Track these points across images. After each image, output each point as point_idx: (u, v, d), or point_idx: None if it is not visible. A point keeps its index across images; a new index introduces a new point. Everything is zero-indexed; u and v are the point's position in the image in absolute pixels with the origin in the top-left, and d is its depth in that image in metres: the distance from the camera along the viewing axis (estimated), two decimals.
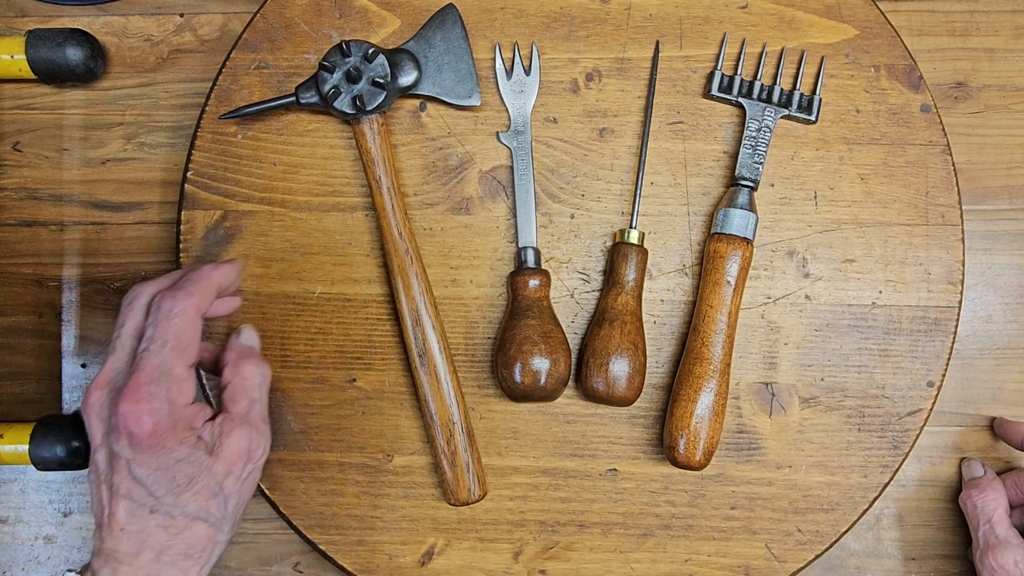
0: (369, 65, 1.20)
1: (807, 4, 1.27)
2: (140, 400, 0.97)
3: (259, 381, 1.11)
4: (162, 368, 1.00)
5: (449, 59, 1.25)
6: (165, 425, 0.98)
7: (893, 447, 1.22)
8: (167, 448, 0.99)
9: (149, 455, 0.98)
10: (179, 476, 0.99)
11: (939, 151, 1.24)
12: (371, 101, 1.19)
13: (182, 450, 1.00)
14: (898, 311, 1.23)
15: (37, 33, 1.27)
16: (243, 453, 1.04)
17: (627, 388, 1.17)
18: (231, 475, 1.03)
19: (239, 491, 1.05)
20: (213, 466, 1.02)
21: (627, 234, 1.20)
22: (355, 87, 1.20)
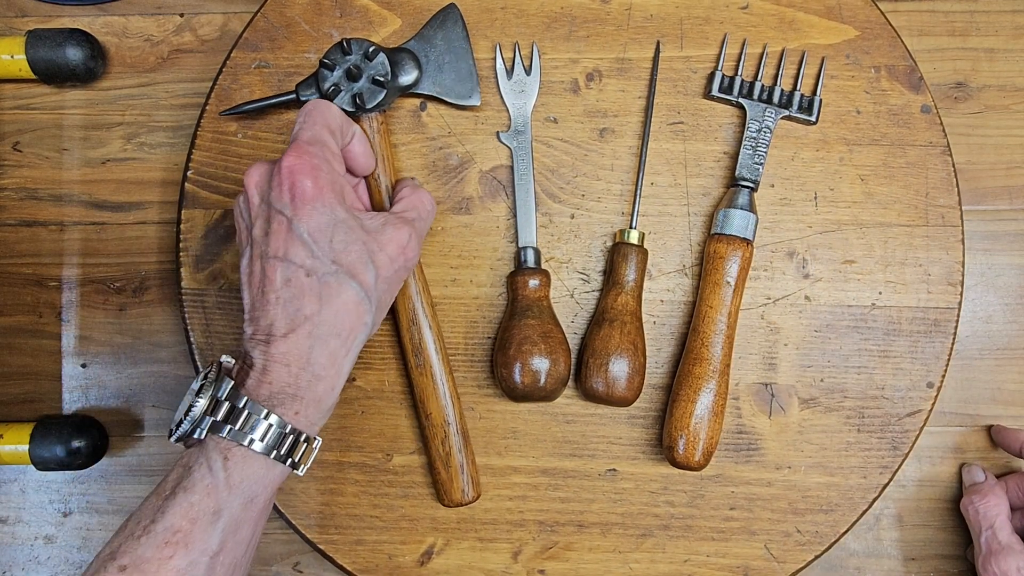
0: (369, 63, 1.19)
1: (808, 5, 1.27)
2: (303, 155, 1.00)
3: (430, 208, 1.15)
4: (319, 139, 1.04)
5: (450, 59, 1.25)
6: (326, 181, 1.01)
7: (892, 448, 1.22)
8: (327, 205, 1.00)
9: (311, 209, 0.99)
10: (336, 239, 1.00)
11: (939, 152, 1.24)
12: (371, 99, 1.19)
13: (340, 211, 1.01)
14: (898, 312, 1.23)
15: (37, 33, 1.27)
16: (401, 244, 1.05)
17: (627, 388, 1.17)
18: (384, 253, 1.04)
19: (389, 278, 1.05)
20: (369, 242, 1.03)
21: (627, 234, 1.20)
22: (355, 85, 1.19)
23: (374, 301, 1.03)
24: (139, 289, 1.32)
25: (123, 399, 1.31)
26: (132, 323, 1.32)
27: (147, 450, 1.31)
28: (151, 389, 1.31)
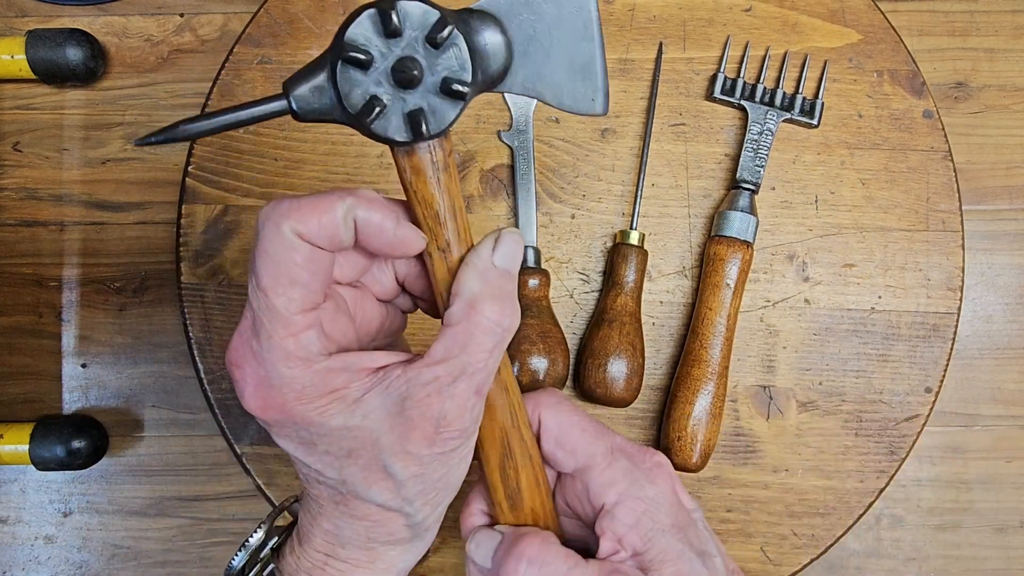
0: (436, 52, 0.70)
1: (811, 8, 1.26)
2: (235, 364, 0.74)
3: (498, 338, 0.75)
4: (260, 317, 0.72)
5: (559, 36, 0.76)
6: (278, 396, 0.73)
7: (890, 452, 1.22)
8: (299, 422, 0.74)
9: (280, 429, 0.77)
10: (332, 448, 0.76)
11: (940, 157, 1.24)
12: (442, 118, 0.71)
13: (322, 424, 0.74)
14: (897, 316, 1.23)
15: (37, 33, 1.26)
16: (432, 425, 0.74)
17: (625, 389, 1.17)
18: (408, 447, 0.75)
19: (427, 467, 0.77)
20: (381, 438, 0.75)
21: (627, 235, 1.20)
22: (410, 95, 0.71)
23: (412, 501, 0.78)
24: (139, 289, 1.32)
25: (123, 399, 1.32)
26: (132, 323, 1.33)
27: (147, 450, 1.31)
28: (151, 389, 1.32)
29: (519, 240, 0.77)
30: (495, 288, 0.75)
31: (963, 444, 1.31)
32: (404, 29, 0.69)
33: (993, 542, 1.31)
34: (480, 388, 0.75)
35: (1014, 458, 1.31)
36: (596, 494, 0.83)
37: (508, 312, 0.74)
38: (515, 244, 0.77)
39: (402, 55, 0.69)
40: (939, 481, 1.31)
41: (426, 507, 0.79)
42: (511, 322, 0.75)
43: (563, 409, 0.86)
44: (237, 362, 0.74)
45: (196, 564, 1.29)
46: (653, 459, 0.86)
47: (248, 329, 0.73)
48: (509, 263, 0.76)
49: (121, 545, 1.30)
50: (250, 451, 1.21)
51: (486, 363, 0.74)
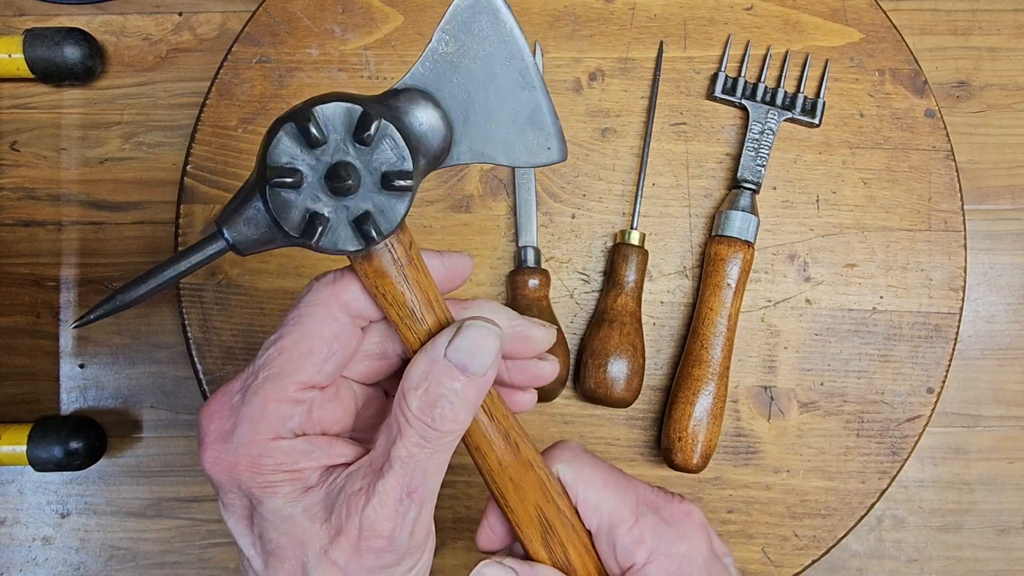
0: (367, 150, 0.64)
1: (812, 7, 1.26)
2: (206, 416, 0.71)
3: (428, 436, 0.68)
4: (259, 372, 0.69)
5: (498, 90, 0.69)
6: (231, 456, 0.69)
7: (892, 453, 1.21)
8: (243, 490, 0.70)
9: (224, 494, 0.72)
10: (264, 535, 0.70)
11: (942, 156, 1.24)
12: (391, 215, 0.65)
13: (260, 501, 0.69)
14: (899, 317, 1.23)
15: (35, 32, 1.27)
16: (357, 525, 0.67)
17: (625, 389, 1.17)
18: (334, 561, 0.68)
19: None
20: (310, 540, 0.69)
21: (628, 235, 1.20)
22: (351, 200, 0.65)
23: None
24: None
25: (121, 400, 1.31)
26: (130, 324, 1.32)
27: (145, 451, 1.31)
28: (149, 390, 1.31)
29: (485, 335, 0.69)
30: (435, 383, 0.67)
31: (965, 445, 1.31)
32: (328, 135, 0.63)
33: (995, 543, 1.31)
34: (412, 489, 0.67)
35: (1016, 459, 1.31)
36: (625, 553, 0.79)
37: (441, 413, 0.67)
38: (475, 338, 0.68)
39: (333, 162, 0.64)
40: (941, 482, 1.31)
41: None
42: (445, 425, 0.67)
43: (583, 463, 0.80)
44: (209, 414, 0.70)
45: (195, 565, 1.29)
46: (681, 508, 0.82)
47: (237, 386, 0.70)
48: (464, 359, 0.68)
49: (119, 546, 1.30)
50: None
51: (416, 461, 0.67)
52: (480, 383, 0.68)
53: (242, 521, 0.72)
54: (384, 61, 1.26)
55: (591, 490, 0.80)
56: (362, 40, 1.26)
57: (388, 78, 1.25)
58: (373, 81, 1.25)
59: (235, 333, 1.23)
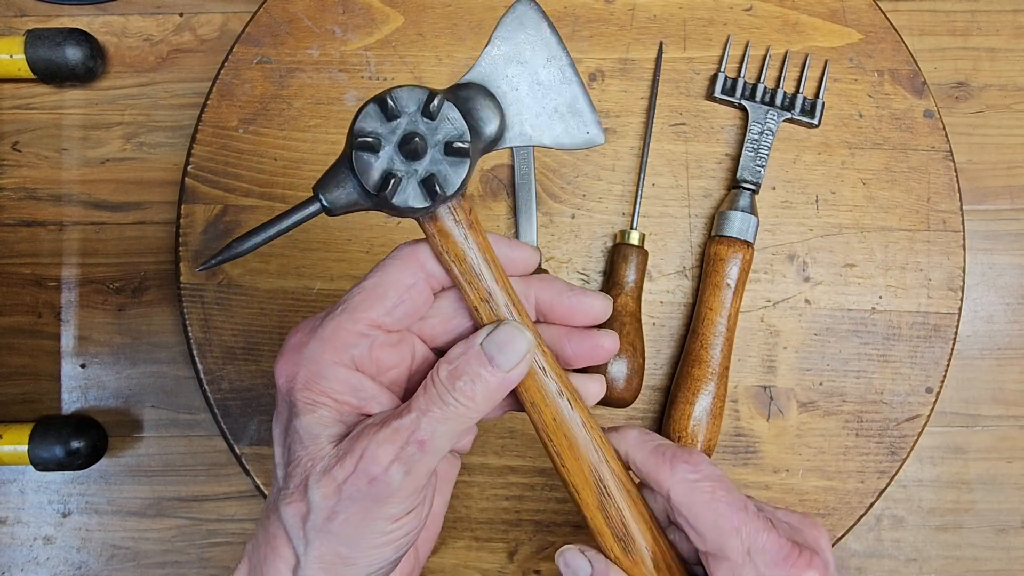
0: (433, 123, 0.77)
1: (811, 8, 1.26)
2: (293, 330, 0.79)
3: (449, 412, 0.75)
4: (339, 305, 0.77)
5: (542, 86, 0.83)
6: (294, 367, 0.76)
7: (891, 453, 1.22)
8: (290, 400, 0.76)
9: (280, 400, 0.78)
10: (291, 446, 0.77)
11: (941, 157, 1.24)
12: (453, 178, 0.77)
13: (299, 414, 0.76)
14: (898, 316, 1.23)
15: (36, 33, 1.27)
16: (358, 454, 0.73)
17: (625, 389, 1.17)
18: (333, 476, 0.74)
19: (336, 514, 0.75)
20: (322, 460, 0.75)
21: (628, 235, 1.20)
22: (419, 164, 0.76)
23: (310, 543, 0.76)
24: (138, 289, 1.32)
25: (122, 399, 1.31)
26: (131, 323, 1.32)
27: (146, 450, 1.31)
28: (150, 389, 1.31)
29: (517, 336, 0.76)
30: (465, 362, 0.75)
31: (964, 444, 1.31)
32: (402, 111, 0.75)
33: (994, 543, 1.31)
34: (420, 437, 0.73)
35: (1015, 459, 1.31)
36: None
37: (461, 387, 0.74)
38: (509, 336, 0.76)
39: (405, 132, 0.76)
40: (940, 481, 1.31)
41: (318, 565, 0.76)
42: (461, 398, 0.74)
43: (698, 489, 0.81)
44: (294, 331, 0.79)
45: (195, 565, 1.29)
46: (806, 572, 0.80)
47: (321, 315, 0.78)
48: (494, 351, 0.76)
49: (120, 546, 1.30)
50: (249, 452, 1.21)
51: (430, 416, 0.74)
52: (502, 377, 0.75)
53: (282, 432, 0.78)
54: (384, 62, 1.26)
55: (701, 517, 0.81)
56: (363, 41, 1.26)
57: (388, 78, 1.26)
58: (373, 81, 1.26)
59: (236, 333, 1.23)
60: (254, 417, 1.22)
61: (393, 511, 0.75)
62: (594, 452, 0.83)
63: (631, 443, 0.85)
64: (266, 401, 1.22)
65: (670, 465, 0.82)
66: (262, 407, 1.22)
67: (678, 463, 0.82)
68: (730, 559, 0.79)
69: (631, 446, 0.85)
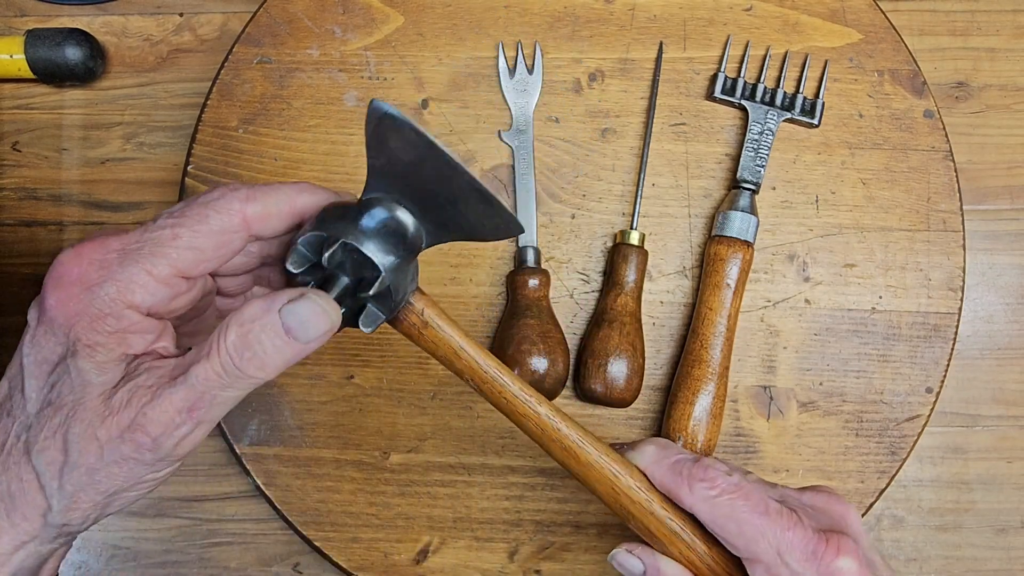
0: (343, 265, 0.76)
1: (811, 8, 1.26)
2: (88, 239, 0.74)
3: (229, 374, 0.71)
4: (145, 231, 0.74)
5: (434, 185, 0.75)
6: (78, 311, 0.71)
7: (891, 453, 1.22)
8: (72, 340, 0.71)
9: (45, 334, 0.73)
10: (56, 388, 0.72)
11: (941, 157, 1.24)
12: (380, 311, 0.79)
13: (83, 362, 0.71)
14: (898, 316, 1.23)
15: (36, 33, 1.27)
16: (133, 415, 0.70)
17: (625, 389, 1.17)
18: (96, 436, 0.70)
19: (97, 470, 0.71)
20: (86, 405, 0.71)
21: (627, 235, 1.20)
22: (345, 303, 0.78)
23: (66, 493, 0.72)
24: None
25: None
26: None
27: None
28: None
29: (319, 313, 0.73)
30: (260, 329, 0.71)
31: (964, 444, 1.31)
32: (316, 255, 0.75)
33: (994, 543, 1.31)
34: (194, 408, 0.70)
35: (1015, 459, 1.31)
36: None
37: (251, 357, 0.70)
38: (310, 311, 0.73)
39: (325, 275, 0.77)
40: (940, 481, 1.31)
41: (74, 512, 0.73)
42: (250, 370, 0.71)
43: (720, 502, 0.84)
44: (78, 257, 0.73)
45: (195, 564, 1.29)
46: (832, 566, 0.82)
47: (115, 244, 0.73)
48: (293, 324, 0.71)
49: (120, 545, 1.30)
50: (249, 451, 1.21)
51: (208, 386, 0.70)
52: (299, 348, 0.72)
53: (42, 365, 0.72)
54: (384, 62, 1.26)
55: (727, 528, 0.83)
56: (362, 41, 1.27)
57: (388, 79, 1.26)
58: (373, 82, 1.26)
59: None
60: (254, 417, 1.22)
61: (158, 468, 0.73)
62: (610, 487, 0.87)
63: (649, 461, 0.87)
64: (266, 401, 1.22)
65: (688, 486, 0.84)
66: (262, 407, 1.22)
67: (695, 483, 0.84)
68: (764, 561, 0.81)
69: (650, 464, 0.87)
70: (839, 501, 0.89)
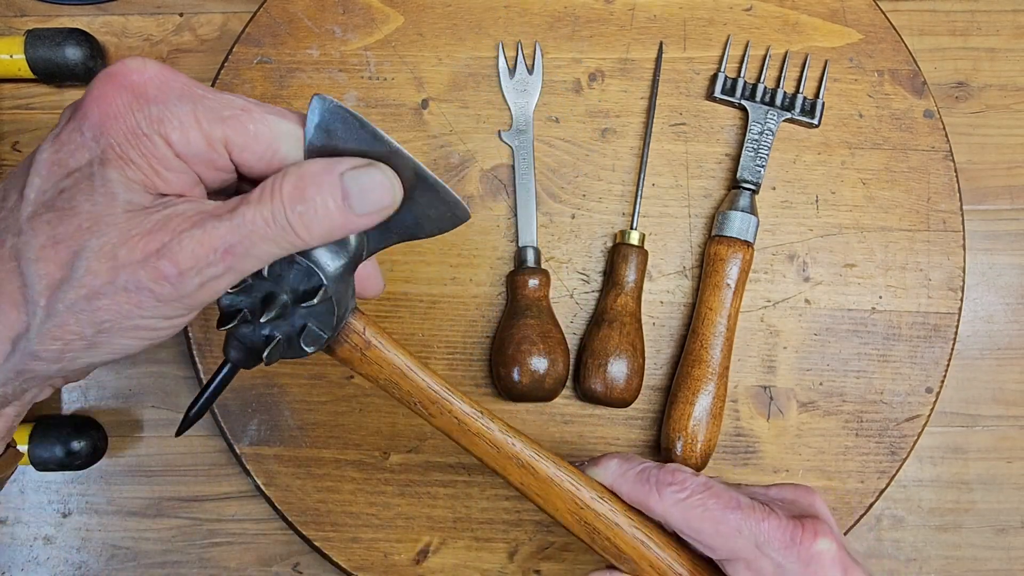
0: (281, 279, 0.72)
1: (811, 7, 1.26)
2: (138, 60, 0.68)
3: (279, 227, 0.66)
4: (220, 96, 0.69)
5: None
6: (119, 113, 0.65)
7: (891, 453, 1.22)
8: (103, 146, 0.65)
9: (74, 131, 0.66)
10: (71, 193, 0.65)
11: (941, 157, 1.24)
12: (325, 323, 0.75)
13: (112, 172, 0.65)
14: (898, 316, 1.23)
15: (36, 33, 1.26)
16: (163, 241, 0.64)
17: (625, 389, 1.17)
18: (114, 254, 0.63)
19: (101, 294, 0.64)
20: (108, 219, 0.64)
21: (627, 235, 1.20)
22: (293, 320, 0.75)
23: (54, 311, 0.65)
24: None
25: (122, 399, 1.31)
26: None
27: (147, 451, 1.31)
28: (151, 389, 1.31)
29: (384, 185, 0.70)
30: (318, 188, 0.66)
31: (964, 445, 1.31)
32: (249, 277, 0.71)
33: (994, 543, 1.31)
34: (231, 251, 0.64)
35: (1015, 459, 1.31)
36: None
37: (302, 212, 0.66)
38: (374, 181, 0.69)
39: (254, 299, 0.73)
40: (940, 482, 1.31)
41: (54, 343, 0.66)
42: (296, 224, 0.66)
43: (690, 504, 0.83)
44: (143, 63, 0.68)
45: (195, 565, 1.29)
46: (812, 550, 0.83)
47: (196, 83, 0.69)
48: (353, 188, 0.68)
49: (120, 546, 1.30)
50: (249, 451, 1.21)
51: (251, 230, 0.65)
52: (352, 219, 0.68)
53: (56, 166, 0.66)
54: (384, 62, 1.26)
55: (702, 533, 0.83)
56: (363, 41, 1.26)
57: (388, 79, 1.26)
58: (373, 81, 1.26)
59: None
60: (254, 417, 1.22)
61: (167, 312, 0.66)
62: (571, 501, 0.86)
63: (614, 475, 0.86)
64: (266, 401, 1.22)
65: (658, 492, 0.83)
66: (262, 407, 1.22)
67: (664, 488, 0.83)
68: (744, 558, 0.81)
69: (615, 478, 0.86)
70: (805, 490, 0.90)
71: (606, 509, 0.85)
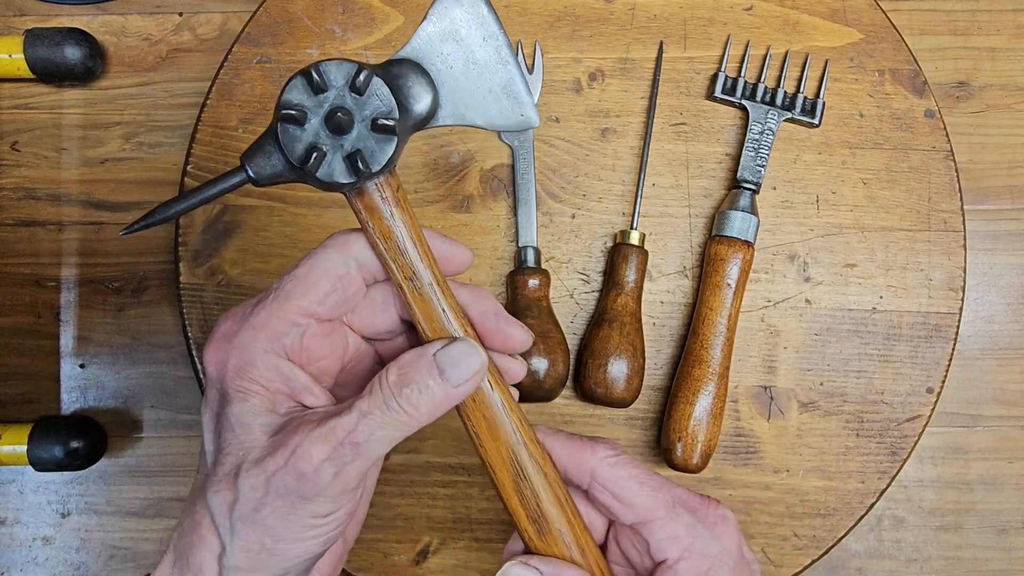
0: (361, 98, 0.75)
1: (812, 7, 1.26)
2: (223, 317, 0.78)
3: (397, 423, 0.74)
4: (270, 293, 0.77)
5: (478, 65, 0.80)
6: (224, 353, 0.76)
7: (891, 453, 1.21)
8: (221, 387, 0.76)
9: (210, 387, 0.77)
10: (222, 433, 0.76)
11: (942, 157, 1.24)
12: (379, 155, 0.76)
13: (237, 407, 0.75)
14: (898, 317, 1.23)
15: (35, 32, 1.26)
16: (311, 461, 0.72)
17: (625, 389, 1.17)
18: (263, 467, 0.73)
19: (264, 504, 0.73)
20: (254, 450, 0.74)
21: (628, 235, 1.20)
22: (346, 139, 0.75)
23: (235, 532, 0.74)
24: (138, 289, 1.32)
25: (122, 400, 1.31)
26: (131, 323, 1.32)
27: (145, 451, 1.31)
28: (150, 390, 1.31)
29: (472, 354, 0.77)
30: (415, 370, 0.75)
31: (965, 445, 1.31)
32: (329, 85, 0.74)
33: (995, 543, 1.31)
34: (357, 441, 0.72)
35: (1016, 459, 1.31)
36: (657, 548, 0.82)
37: (408, 395, 0.74)
38: (463, 353, 0.77)
39: (332, 106, 0.75)
40: (940, 482, 1.31)
41: (243, 553, 0.74)
42: (406, 406, 0.74)
43: (620, 463, 0.84)
44: (224, 317, 0.78)
45: None
46: (717, 512, 0.85)
47: (253, 301, 0.77)
48: (446, 364, 0.76)
49: (119, 546, 1.30)
50: None
51: (371, 419, 0.73)
52: (451, 391, 0.75)
53: (213, 418, 0.77)
54: None
55: (627, 488, 0.83)
56: (362, 40, 1.26)
57: None
58: None
59: None
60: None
61: (319, 509, 0.74)
62: (513, 434, 0.83)
63: (547, 434, 0.87)
64: None
65: (592, 449, 0.84)
66: None
67: (598, 446, 0.84)
68: (661, 517, 0.81)
69: (547, 436, 0.86)
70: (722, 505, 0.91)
71: (540, 453, 0.84)
